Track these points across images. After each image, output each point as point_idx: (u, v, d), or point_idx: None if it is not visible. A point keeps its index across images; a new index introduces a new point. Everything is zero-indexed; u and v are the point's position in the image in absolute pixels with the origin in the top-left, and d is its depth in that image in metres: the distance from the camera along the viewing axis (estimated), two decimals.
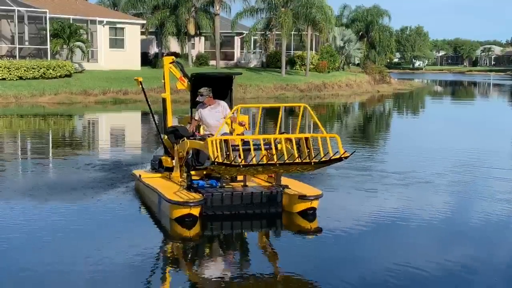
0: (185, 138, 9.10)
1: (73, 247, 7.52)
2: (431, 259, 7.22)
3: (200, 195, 8.55)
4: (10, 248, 7.44)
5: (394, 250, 7.74)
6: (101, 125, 23.89)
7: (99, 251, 7.33)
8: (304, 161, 7.89)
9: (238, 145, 8.04)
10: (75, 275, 6.57)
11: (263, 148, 8.22)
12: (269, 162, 7.79)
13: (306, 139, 8.19)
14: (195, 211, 8.32)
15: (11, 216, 8.94)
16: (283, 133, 8.98)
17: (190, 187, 8.86)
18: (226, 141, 7.87)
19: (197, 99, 9.77)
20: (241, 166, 7.66)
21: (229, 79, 10.67)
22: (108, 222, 8.80)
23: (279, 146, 8.37)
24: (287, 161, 7.79)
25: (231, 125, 9.90)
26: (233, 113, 8.77)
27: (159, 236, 8.54)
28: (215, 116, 9.61)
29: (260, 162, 7.80)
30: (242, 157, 8.52)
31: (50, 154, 15.47)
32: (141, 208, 9.77)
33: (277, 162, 7.76)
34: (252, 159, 7.85)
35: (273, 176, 9.35)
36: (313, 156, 7.99)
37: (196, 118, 9.80)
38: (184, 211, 8.28)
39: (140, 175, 10.16)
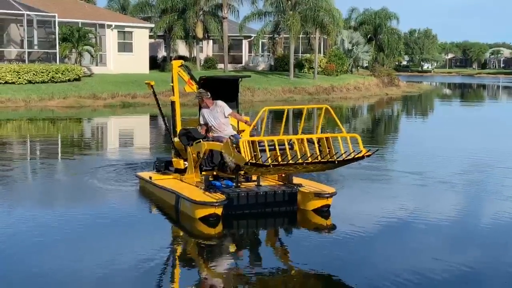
0: (201, 140, 9.35)
1: (85, 247, 7.57)
2: (445, 259, 7.19)
3: (223, 195, 8.77)
4: (20, 250, 7.46)
5: (409, 248, 7.73)
6: (110, 129, 23.96)
7: (112, 251, 7.38)
8: (329, 160, 8.19)
9: (264, 145, 8.33)
10: (88, 275, 6.59)
11: (287, 148, 8.47)
12: (297, 162, 8.05)
13: (327, 138, 8.53)
14: (219, 211, 8.58)
15: (20, 218, 8.96)
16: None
17: (209, 188, 9.06)
18: (253, 142, 8.21)
19: (194, 98, 10.15)
20: (271, 166, 7.95)
21: (236, 82, 10.85)
22: (119, 222, 8.85)
23: (297, 146, 8.62)
24: (314, 160, 8.11)
25: (238, 126, 10.29)
26: (260, 115, 8.81)
27: (176, 235, 8.74)
28: (215, 117, 9.83)
29: (289, 162, 8.09)
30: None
31: (59, 158, 15.51)
32: (151, 209, 9.89)
33: (304, 161, 8.05)
34: (270, 159, 8.10)
35: (283, 175, 9.55)
36: (334, 155, 8.30)
37: (202, 122, 10.00)
38: (209, 210, 8.55)
39: (150, 177, 10.25)
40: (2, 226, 8.58)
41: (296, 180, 9.64)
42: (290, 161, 8.14)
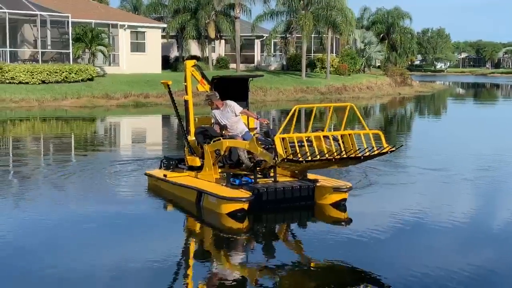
0: (220, 138, 9.57)
1: (102, 246, 7.63)
2: (464, 258, 7.19)
3: (248, 191, 8.98)
4: (32, 248, 7.50)
5: (428, 245, 7.73)
6: (123, 128, 24.06)
7: (129, 248, 7.42)
8: (357, 155, 8.43)
9: (294, 142, 8.53)
10: (103, 271, 6.66)
11: (315, 145, 8.72)
12: (328, 157, 8.28)
13: (350, 135, 8.79)
14: (246, 206, 8.79)
15: (32, 215, 9.03)
16: (317, 130, 9.41)
17: (230, 184, 9.28)
18: (284, 138, 8.43)
19: (204, 102, 10.44)
20: (304, 162, 8.15)
21: (246, 81, 11.08)
22: (135, 220, 8.92)
23: (323, 142, 8.80)
24: (343, 156, 8.36)
25: (248, 123, 10.54)
26: (292, 114, 8.89)
27: (200, 230, 8.91)
28: (227, 116, 9.98)
29: (321, 158, 8.31)
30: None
31: (72, 156, 15.59)
32: (166, 206, 10.03)
33: (334, 156, 8.28)
34: (316, 155, 8.36)
35: (296, 171, 9.72)
36: (357, 150, 8.55)
37: (213, 121, 10.16)
38: (238, 206, 8.74)
39: (165, 175, 10.35)
40: (15, 224, 8.67)
41: (309, 175, 9.85)
42: (322, 157, 8.36)
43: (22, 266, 6.83)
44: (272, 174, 9.67)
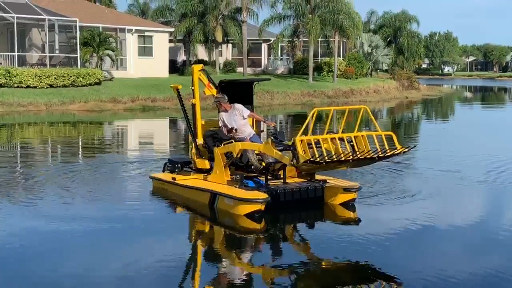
0: (232, 141, 9.69)
1: (111, 249, 7.67)
2: (475, 264, 7.15)
3: (264, 192, 9.12)
4: (40, 251, 7.52)
5: (441, 245, 7.73)
6: (130, 132, 24.12)
7: (139, 252, 7.44)
8: (372, 156, 8.63)
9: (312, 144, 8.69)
10: (114, 276, 6.67)
11: (332, 146, 8.81)
12: (345, 159, 8.48)
13: (363, 136, 8.99)
14: (263, 207, 8.93)
15: (40, 220, 9.02)
16: (329, 132, 9.45)
17: (244, 186, 9.40)
18: (302, 140, 8.57)
19: (212, 103, 10.66)
20: (324, 163, 8.40)
21: (251, 85, 11.20)
22: (147, 224, 8.92)
23: (337, 144, 8.93)
24: (360, 157, 8.56)
25: (253, 126, 10.69)
26: (311, 116, 8.92)
27: (213, 231, 9.04)
28: (234, 119, 10.12)
29: (340, 159, 8.51)
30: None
31: (80, 160, 15.63)
32: (176, 209, 10.09)
33: (352, 158, 8.49)
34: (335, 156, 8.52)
35: (303, 172, 9.85)
36: (371, 151, 8.73)
37: (220, 124, 10.22)
38: (255, 207, 8.92)
39: (174, 178, 10.41)
40: (22, 226, 8.69)
41: (318, 176, 10.01)
42: (340, 159, 8.51)
43: (28, 270, 6.83)
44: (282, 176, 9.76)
